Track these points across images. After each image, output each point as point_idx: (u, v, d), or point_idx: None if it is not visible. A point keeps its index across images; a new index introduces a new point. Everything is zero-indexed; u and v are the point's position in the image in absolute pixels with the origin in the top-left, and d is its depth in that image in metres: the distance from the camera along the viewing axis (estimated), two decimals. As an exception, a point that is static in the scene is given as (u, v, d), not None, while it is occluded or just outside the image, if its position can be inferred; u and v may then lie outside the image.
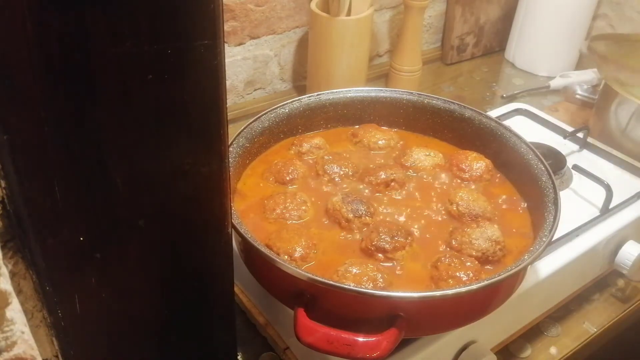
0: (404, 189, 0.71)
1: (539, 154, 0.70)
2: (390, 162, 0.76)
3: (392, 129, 0.82)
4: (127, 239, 0.43)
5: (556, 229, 0.60)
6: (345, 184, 0.72)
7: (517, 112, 0.98)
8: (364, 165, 0.75)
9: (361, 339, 0.50)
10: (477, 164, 0.74)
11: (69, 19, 0.33)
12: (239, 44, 1.06)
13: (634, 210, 0.79)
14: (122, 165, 0.39)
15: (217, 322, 0.55)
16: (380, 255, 0.61)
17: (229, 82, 1.07)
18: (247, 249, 0.61)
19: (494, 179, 0.74)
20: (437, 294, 0.54)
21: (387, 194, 0.71)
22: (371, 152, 0.78)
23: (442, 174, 0.74)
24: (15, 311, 0.35)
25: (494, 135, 0.75)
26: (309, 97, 0.79)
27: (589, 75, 1.22)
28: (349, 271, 0.58)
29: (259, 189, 0.71)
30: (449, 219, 0.68)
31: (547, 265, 0.71)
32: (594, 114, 1.04)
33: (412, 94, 0.81)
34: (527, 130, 0.95)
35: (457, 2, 1.28)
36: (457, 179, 0.74)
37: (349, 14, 0.99)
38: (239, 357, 0.68)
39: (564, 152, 0.87)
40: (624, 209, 0.79)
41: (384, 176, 0.71)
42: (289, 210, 0.66)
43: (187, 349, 0.53)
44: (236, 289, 0.73)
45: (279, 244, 0.61)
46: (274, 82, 1.15)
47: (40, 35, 0.32)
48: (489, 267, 0.62)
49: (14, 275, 0.40)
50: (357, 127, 0.81)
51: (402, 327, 0.52)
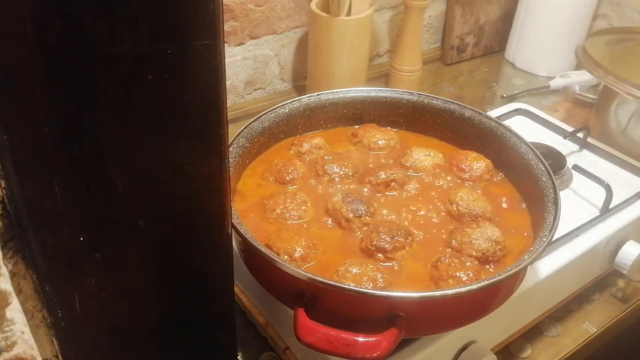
0: (404, 189, 0.71)
1: (539, 154, 0.70)
2: (390, 162, 0.76)
3: (392, 129, 0.82)
4: (127, 239, 0.43)
5: (556, 229, 0.60)
6: (345, 184, 0.72)
7: (517, 112, 0.98)
8: (364, 165, 0.75)
9: (361, 339, 0.50)
10: (477, 164, 0.74)
11: (69, 19, 0.33)
12: (239, 44, 1.06)
13: (634, 210, 0.79)
14: (122, 165, 0.39)
15: (217, 322, 0.55)
16: (380, 255, 0.61)
17: (229, 82, 1.07)
18: (247, 249, 0.61)
19: (494, 179, 0.74)
20: (437, 294, 0.54)
21: (387, 194, 0.71)
22: (371, 152, 0.78)
23: (442, 174, 0.74)
24: (15, 311, 0.35)
25: (494, 135, 0.75)
26: (309, 97, 0.79)
27: (589, 75, 1.21)
28: (349, 271, 0.58)
29: (259, 189, 0.71)
30: (449, 219, 0.68)
31: (547, 265, 0.71)
32: (594, 114, 1.04)
33: (412, 94, 0.81)
34: (527, 130, 0.95)
35: (457, 2, 1.28)
36: (457, 179, 0.74)
37: (349, 14, 0.99)
38: (239, 357, 0.68)
39: (564, 152, 0.87)
40: (624, 209, 0.79)
41: (384, 176, 0.71)
42: (289, 210, 0.66)
43: (187, 349, 0.53)
44: (236, 289, 0.73)
45: (279, 244, 0.61)
46: (274, 82, 1.15)
47: (40, 35, 0.32)
48: (489, 267, 0.62)
49: (14, 275, 0.40)
50: (357, 127, 0.81)
51: (402, 327, 0.52)
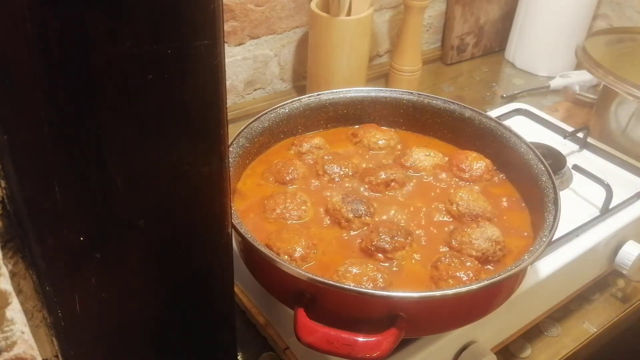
0: (404, 189, 0.72)
1: (539, 154, 0.70)
2: (390, 162, 0.76)
3: (392, 129, 0.82)
4: (127, 239, 0.43)
5: (556, 229, 0.60)
6: (345, 184, 0.72)
7: (517, 112, 0.98)
8: (364, 165, 0.75)
9: (361, 339, 0.50)
10: (477, 164, 0.74)
11: (69, 19, 0.33)
12: (239, 44, 1.06)
13: (634, 210, 0.79)
14: (122, 165, 0.39)
15: (217, 322, 0.55)
16: (380, 255, 0.61)
17: (229, 82, 1.07)
18: (247, 249, 0.61)
19: (494, 179, 0.74)
20: (437, 294, 0.54)
21: (387, 194, 0.71)
22: (371, 152, 0.78)
23: (442, 174, 0.74)
24: (15, 311, 0.35)
25: (494, 135, 0.75)
26: (309, 97, 0.79)
27: (589, 75, 1.21)
28: (349, 271, 0.58)
29: (259, 189, 0.71)
30: (449, 219, 0.68)
31: (547, 265, 0.71)
32: (594, 114, 1.04)
33: (412, 94, 0.81)
34: (527, 130, 0.95)
35: (457, 2, 1.28)
36: (457, 179, 0.74)
37: (349, 14, 0.99)
38: (239, 357, 0.68)
39: (564, 152, 0.87)
40: (624, 209, 0.79)
41: (384, 176, 0.71)
42: (289, 210, 0.66)
43: (187, 349, 0.53)
44: (236, 289, 0.73)
45: (279, 244, 0.61)
46: (274, 82, 1.15)
47: (40, 35, 0.32)
48: (489, 267, 0.62)
49: (14, 275, 0.40)
50: (357, 127, 0.81)
51: (402, 327, 0.52)
